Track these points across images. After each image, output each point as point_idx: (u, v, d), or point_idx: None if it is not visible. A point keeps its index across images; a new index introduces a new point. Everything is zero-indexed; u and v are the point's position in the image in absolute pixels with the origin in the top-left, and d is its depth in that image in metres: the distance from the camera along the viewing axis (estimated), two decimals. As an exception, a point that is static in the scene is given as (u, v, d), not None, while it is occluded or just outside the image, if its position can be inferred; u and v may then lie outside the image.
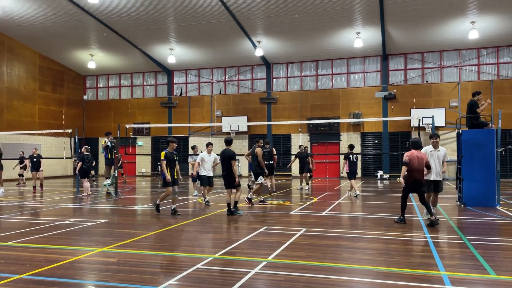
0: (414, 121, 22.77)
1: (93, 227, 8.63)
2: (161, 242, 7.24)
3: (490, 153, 11.23)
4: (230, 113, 27.73)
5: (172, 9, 21.41)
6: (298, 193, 15.76)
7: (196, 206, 12.39)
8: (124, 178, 21.70)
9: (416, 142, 8.85)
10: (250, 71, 28.24)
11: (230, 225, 9.01)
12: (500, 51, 23.90)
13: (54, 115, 28.55)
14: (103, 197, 14.65)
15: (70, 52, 27.67)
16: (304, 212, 10.71)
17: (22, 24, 23.44)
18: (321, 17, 21.32)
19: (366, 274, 5.29)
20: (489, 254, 6.14)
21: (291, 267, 5.51)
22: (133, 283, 4.92)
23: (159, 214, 10.26)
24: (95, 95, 31.66)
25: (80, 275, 5.36)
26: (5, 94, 25.16)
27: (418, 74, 25.26)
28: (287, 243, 6.95)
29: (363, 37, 22.96)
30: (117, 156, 15.86)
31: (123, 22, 22.93)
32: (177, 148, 29.24)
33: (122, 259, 6.06)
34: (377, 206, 11.96)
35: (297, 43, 24.63)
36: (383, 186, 19.37)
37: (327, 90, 26.44)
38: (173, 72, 29.74)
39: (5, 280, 5.00)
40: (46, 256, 6.15)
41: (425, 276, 5.13)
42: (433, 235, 7.62)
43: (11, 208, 12.03)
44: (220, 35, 24.04)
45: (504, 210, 10.71)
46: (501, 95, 23.42)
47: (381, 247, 6.79)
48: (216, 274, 5.26)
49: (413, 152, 8.66)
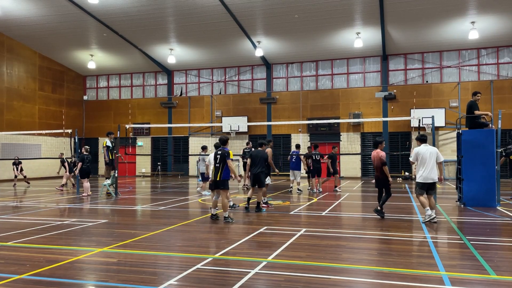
0: (414, 121, 22.78)
1: (93, 227, 8.63)
2: (161, 242, 7.24)
3: (490, 153, 11.24)
4: (230, 113, 27.73)
5: (172, 9, 21.42)
6: (298, 193, 15.73)
7: (196, 206, 12.40)
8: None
9: (375, 141, 9.77)
10: (250, 71, 28.24)
11: (230, 225, 9.01)
12: (500, 51, 23.90)
13: (54, 115, 28.56)
14: (103, 197, 14.65)
15: (70, 52, 27.67)
16: (304, 212, 10.71)
17: (22, 24, 23.45)
18: (321, 17, 21.32)
19: (366, 274, 5.29)
20: (489, 254, 6.14)
21: (291, 267, 5.51)
22: (133, 283, 4.92)
23: (216, 219, 9.48)
24: (95, 95, 31.66)
25: (80, 275, 5.36)
26: (5, 94, 25.16)
27: (418, 74, 25.27)
28: (287, 243, 6.94)
29: (363, 37, 22.96)
30: (118, 156, 15.85)
31: (123, 22, 22.94)
32: (177, 148, 29.50)
33: (122, 259, 6.06)
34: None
35: (297, 43, 24.63)
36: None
37: (327, 90, 26.45)
38: (173, 72, 29.74)
39: (5, 280, 5.00)
40: (46, 256, 6.15)
41: (425, 276, 5.13)
42: (433, 235, 7.62)
43: (11, 208, 12.03)
44: (220, 35, 24.05)
45: (504, 210, 10.71)
46: (501, 95, 23.42)
47: (381, 247, 6.79)
48: (216, 274, 5.26)
49: (374, 151, 9.72)
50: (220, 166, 9.40)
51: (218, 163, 9.42)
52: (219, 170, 9.40)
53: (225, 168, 9.40)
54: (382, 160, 9.39)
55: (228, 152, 9.41)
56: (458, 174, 12.11)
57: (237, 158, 22.74)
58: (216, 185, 9.54)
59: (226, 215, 9.22)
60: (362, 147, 25.49)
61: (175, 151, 29.20)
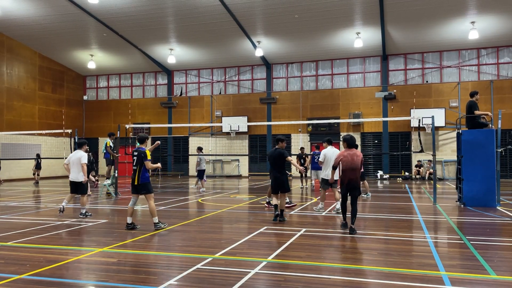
0: (414, 121, 22.79)
1: (93, 227, 8.63)
2: (161, 242, 7.24)
3: (490, 153, 11.23)
4: (230, 113, 27.73)
5: (172, 9, 21.41)
6: (298, 193, 15.74)
7: (196, 206, 12.40)
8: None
9: (350, 138, 8.24)
10: (250, 71, 28.24)
11: (230, 225, 9.01)
12: (500, 51, 23.90)
13: (54, 115, 28.55)
14: (103, 197, 14.65)
15: (70, 52, 27.66)
16: (304, 212, 10.71)
17: (22, 24, 23.44)
18: (321, 17, 21.32)
19: (366, 274, 5.29)
20: (489, 254, 6.14)
21: (291, 267, 5.51)
22: (133, 283, 4.92)
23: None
24: (95, 95, 31.66)
25: (80, 275, 5.36)
26: (5, 94, 25.15)
27: (418, 74, 25.26)
28: (287, 243, 6.95)
29: (363, 37, 22.96)
30: (118, 156, 15.85)
31: (123, 22, 22.94)
32: (177, 148, 29.51)
33: (122, 259, 6.06)
34: (377, 206, 11.96)
35: (297, 43, 24.63)
36: (383, 186, 19.36)
37: (327, 90, 26.45)
38: (173, 72, 29.74)
39: (5, 280, 5.00)
40: (46, 256, 6.15)
41: (425, 276, 5.13)
42: (433, 235, 7.62)
43: (11, 208, 12.02)
44: (220, 35, 24.05)
45: (504, 210, 10.71)
46: (501, 95, 23.42)
47: (381, 247, 6.79)
48: (216, 274, 5.26)
49: (344, 151, 8.14)
50: (137, 168, 8.32)
51: (135, 165, 8.36)
52: (137, 173, 8.32)
53: (143, 171, 8.33)
54: (362, 161, 8.19)
55: (145, 153, 8.30)
56: (458, 174, 12.11)
57: (238, 158, 22.54)
58: (136, 190, 8.41)
59: (156, 220, 8.28)
60: (362, 147, 25.47)
61: (175, 151, 29.21)
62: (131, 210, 8.44)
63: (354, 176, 7.88)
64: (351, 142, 8.18)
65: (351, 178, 7.89)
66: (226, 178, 26.52)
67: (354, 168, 7.88)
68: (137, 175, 8.31)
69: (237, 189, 17.63)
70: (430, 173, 22.84)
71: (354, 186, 7.90)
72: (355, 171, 7.89)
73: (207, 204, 12.67)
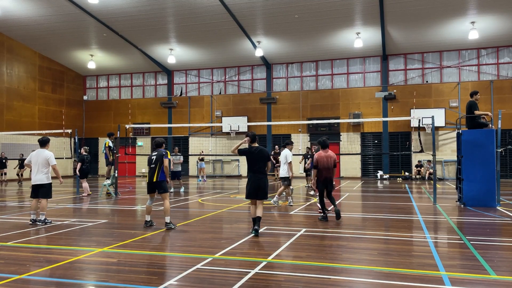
0: (414, 121, 22.80)
1: (93, 227, 8.62)
2: (161, 242, 7.24)
3: (490, 153, 11.23)
4: (230, 113, 27.73)
5: (172, 9, 21.42)
6: (299, 193, 15.73)
7: (196, 206, 12.40)
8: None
9: (323, 141, 9.52)
10: (250, 71, 28.24)
11: (230, 225, 9.01)
12: (500, 51, 23.90)
13: (54, 115, 28.55)
14: (103, 197, 14.65)
15: (70, 52, 27.66)
16: (304, 212, 10.71)
17: (22, 24, 23.44)
18: (321, 17, 21.33)
19: (366, 274, 5.29)
20: (489, 254, 6.14)
21: (291, 267, 5.51)
22: (133, 283, 4.92)
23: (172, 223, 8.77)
24: (95, 95, 31.66)
25: (80, 275, 5.36)
26: (5, 94, 25.16)
27: (418, 74, 25.27)
28: (287, 243, 6.94)
29: (363, 37, 22.96)
30: (117, 156, 15.84)
31: (123, 22, 22.94)
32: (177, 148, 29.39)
33: (122, 259, 6.05)
34: (377, 206, 11.95)
35: (297, 43, 24.63)
36: (383, 186, 19.36)
37: (327, 90, 26.44)
38: (173, 72, 29.74)
39: (5, 280, 5.00)
40: (46, 256, 6.15)
41: (425, 276, 5.13)
42: (433, 235, 7.62)
43: (11, 208, 12.03)
44: (220, 35, 24.05)
45: (504, 210, 10.70)
46: (501, 95, 23.42)
47: (381, 247, 6.79)
48: (216, 274, 5.25)
49: (321, 152, 9.39)
50: (156, 167, 8.52)
51: (154, 164, 8.54)
52: (156, 171, 8.52)
53: (162, 170, 8.54)
54: (335, 160, 9.53)
55: (166, 151, 8.69)
56: (458, 174, 12.11)
57: (237, 158, 22.54)
58: (153, 188, 8.62)
59: (168, 220, 8.36)
60: (362, 147, 25.49)
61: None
62: (149, 209, 8.73)
63: (328, 174, 9.34)
64: (324, 144, 9.49)
65: (326, 176, 9.35)
66: (226, 178, 26.52)
67: (328, 168, 9.31)
68: (156, 172, 8.54)
69: (237, 189, 17.62)
70: (430, 173, 22.85)
71: (329, 182, 9.38)
72: (329, 170, 9.33)
73: (207, 204, 12.67)
